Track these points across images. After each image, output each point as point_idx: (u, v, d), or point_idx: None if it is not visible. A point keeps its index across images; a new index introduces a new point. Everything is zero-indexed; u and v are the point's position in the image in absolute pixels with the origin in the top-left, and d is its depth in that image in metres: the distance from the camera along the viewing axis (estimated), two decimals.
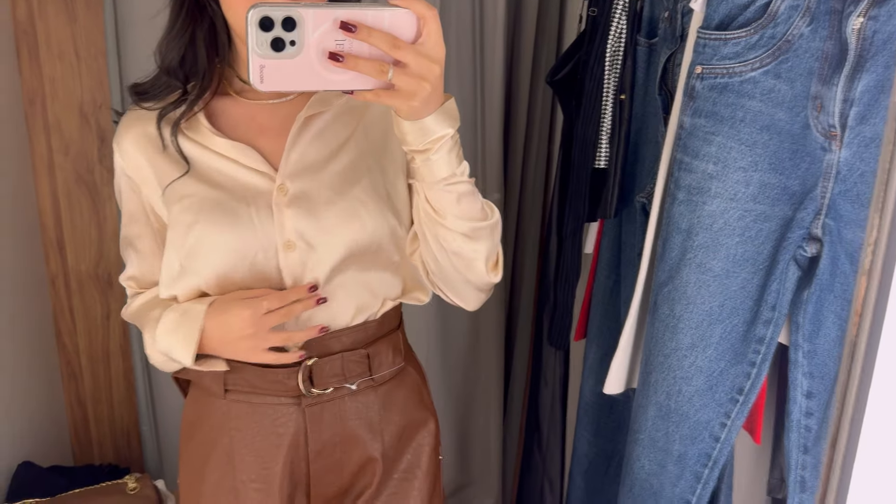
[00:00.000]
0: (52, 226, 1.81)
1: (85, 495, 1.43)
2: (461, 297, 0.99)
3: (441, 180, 0.85)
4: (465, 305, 1.00)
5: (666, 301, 1.01)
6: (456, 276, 0.95)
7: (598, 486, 1.47)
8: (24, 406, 1.65)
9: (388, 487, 1.03)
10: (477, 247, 0.91)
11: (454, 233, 0.89)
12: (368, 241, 0.95)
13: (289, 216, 0.93)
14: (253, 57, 0.71)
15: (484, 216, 0.90)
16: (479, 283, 0.96)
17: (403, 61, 0.73)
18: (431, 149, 0.82)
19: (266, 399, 0.98)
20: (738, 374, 0.98)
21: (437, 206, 0.88)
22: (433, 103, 0.78)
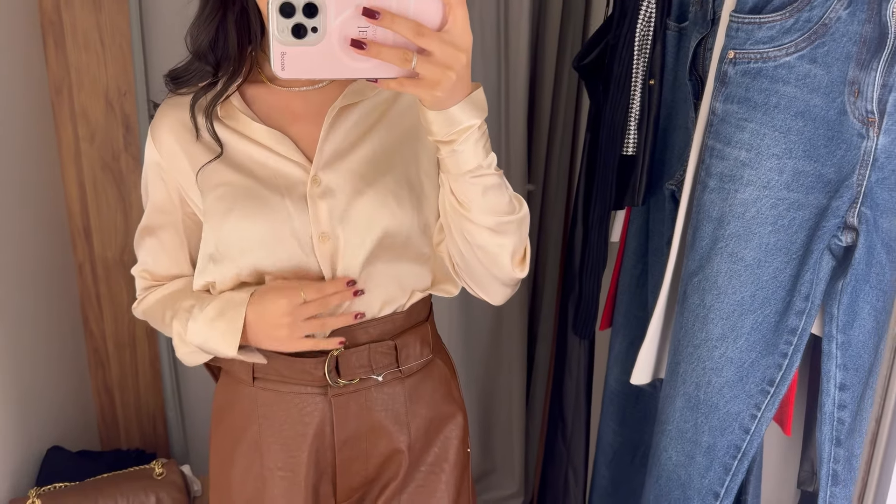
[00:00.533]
0: (78, 213, 1.83)
1: (113, 480, 1.45)
2: (486, 292, 0.98)
3: (467, 172, 0.83)
4: (490, 300, 0.99)
5: (696, 291, 1.00)
6: (480, 269, 0.93)
7: (623, 476, 1.46)
8: (53, 392, 1.68)
9: (415, 480, 1.03)
10: (503, 241, 0.89)
11: (479, 226, 0.88)
12: (398, 231, 0.94)
13: (322, 208, 0.92)
14: (274, 44, 0.70)
15: (511, 210, 0.88)
16: (504, 278, 0.94)
17: (428, 49, 0.71)
18: (457, 139, 0.80)
19: (293, 388, 0.98)
20: (770, 366, 0.96)
21: (462, 199, 0.86)
22: (459, 92, 0.76)
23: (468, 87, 0.77)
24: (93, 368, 1.91)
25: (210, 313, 0.95)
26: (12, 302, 1.47)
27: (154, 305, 1.04)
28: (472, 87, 0.78)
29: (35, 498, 1.37)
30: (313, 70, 0.72)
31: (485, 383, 2.17)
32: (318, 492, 1.01)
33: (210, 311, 0.95)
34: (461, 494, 1.07)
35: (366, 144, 0.95)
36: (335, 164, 0.94)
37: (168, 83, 0.96)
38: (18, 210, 1.53)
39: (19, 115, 1.57)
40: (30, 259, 1.58)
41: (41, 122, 1.69)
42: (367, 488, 1.03)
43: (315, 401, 0.98)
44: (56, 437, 1.66)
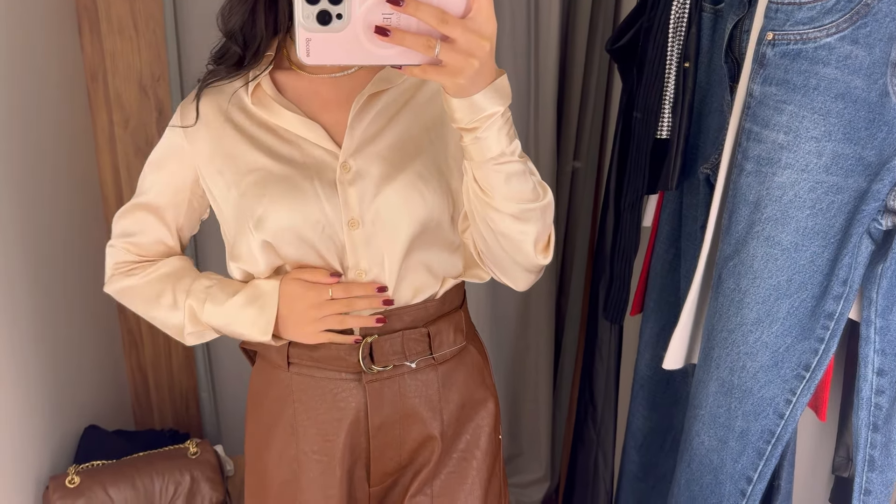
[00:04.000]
0: (112, 198, 1.86)
1: (148, 458, 1.48)
2: (510, 278, 0.98)
3: (490, 159, 0.82)
4: (514, 286, 0.99)
5: (731, 275, 0.99)
6: (504, 256, 0.93)
7: (653, 461, 1.46)
8: (89, 372, 1.71)
9: (448, 466, 1.03)
10: (525, 228, 0.89)
11: (502, 214, 0.87)
12: (428, 218, 0.95)
13: (352, 194, 0.93)
14: (299, 30, 0.70)
15: (535, 197, 0.88)
16: (528, 265, 0.94)
17: (451, 37, 0.71)
18: (480, 127, 0.79)
19: (327, 374, 1.00)
20: (805, 351, 0.95)
21: (486, 186, 0.86)
22: (482, 80, 0.76)
23: (492, 75, 0.77)
24: (127, 349, 1.94)
25: (239, 300, 0.97)
26: (49, 284, 1.50)
27: (151, 283, 1.03)
28: (496, 74, 0.78)
29: (74, 475, 1.40)
30: (338, 56, 0.73)
31: (512, 368, 2.17)
32: (353, 476, 1.02)
33: (240, 299, 0.97)
34: (492, 481, 1.07)
35: (393, 130, 0.96)
36: (364, 149, 0.94)
37: (210, 64, 0.97)
38: (55, 195, 1.56)
39: (56, 100, 1.59)
40: (66, 242, 1.61)
41: (77, 108, 1.72)
42: (399, 473, 1.04)
43: (349, 387, 0.99)
44: (92, 416, 1.70)
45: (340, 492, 1.01)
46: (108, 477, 1.42)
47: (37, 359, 1.43)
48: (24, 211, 1.41)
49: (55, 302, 1.53)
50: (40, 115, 1.50)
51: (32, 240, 1.43)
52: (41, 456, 1.43)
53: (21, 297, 1.37)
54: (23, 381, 1.36)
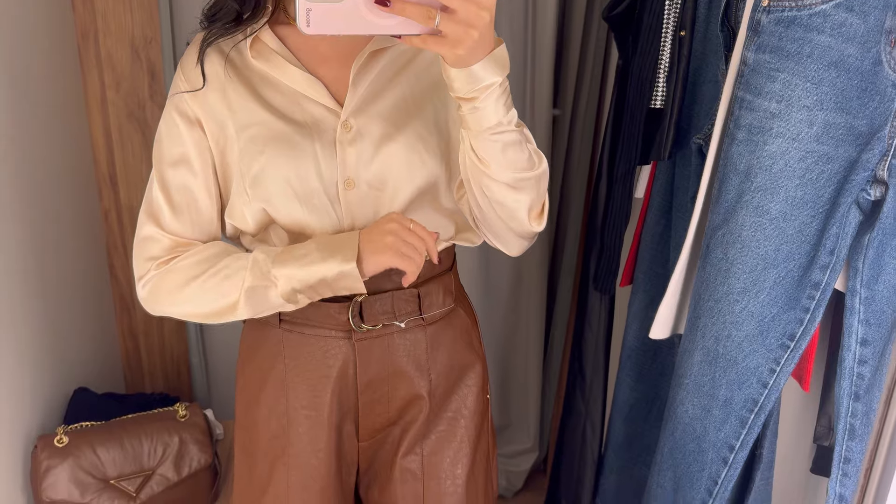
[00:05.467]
0: (104, 161, 1.84)
1: (138, 420, 1.49)
2: (503, 243, 0.99)
3: (487, 129, 0.84)
4: (507, 251, 1.01)
5: (719, 245, 0.99)
6: (498, 223, 0.94)
7: (638, 431, 1.47)
8: (80, 335, 1.71)
9: (438, 426, 1.05)
10: (520, 197, 0.90)
11: (498, 182, 0.89)
12: (425, 180, 0.95)
13: (350, 154, 0.93)
14: (299, 0, 0.70)
15: (530, 166, 0.89)
16: (521, 232, 0.96)
17: (451, 7, 0.72)
18: (478, 97, 0.81)
19: (318, 331, 1.00)
20: (791, 320, 0.96)
21: (482, 155, 0.87)
22: (481, 50, 0.77)
23: (490, 45, 0.78)
24: (118, 314, 1.94)
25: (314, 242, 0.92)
26: (40, 246, 1.50)
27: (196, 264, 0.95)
28: (494, 45, 0.79)
29: (63, 435, 1.41)
30: (338, 27, 0.73)
31: (503, 339, 2.18)
32: (342, 431, 1.04)
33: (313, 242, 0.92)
34: (481, 440, 1.09)
35: (394, 90, 0.96)
36: (366, 108, 0.94)
37: (203, 22, 0.96)
38: (46, 156, 1.55)
39: (46, 60, 1.57)
40: (56, 205, 1.61)
41: (68, 69, 1.70)
42: (388, 430, 1.06)
43: (339, 344, 1.00)
44: (82, 379, 1.70)
45: (328, 445, 1.03)
46: (97, 437, 1.43)
47: (26, 319, 1.43)
48: (15, 175, 1.40)
49: (46, 264, 1.53)
50: (29, 74, 1.49)
51: (23, 204, 1.43)
52: (30, 416, 1.43)
53: (12, 260, 1.37)
54: (12, 340, 1.36)
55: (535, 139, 0.92)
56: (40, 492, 1.37)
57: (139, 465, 1.44)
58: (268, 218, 0.96)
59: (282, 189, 0.93)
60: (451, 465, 1.05)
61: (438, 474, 1.05)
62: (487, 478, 1.12)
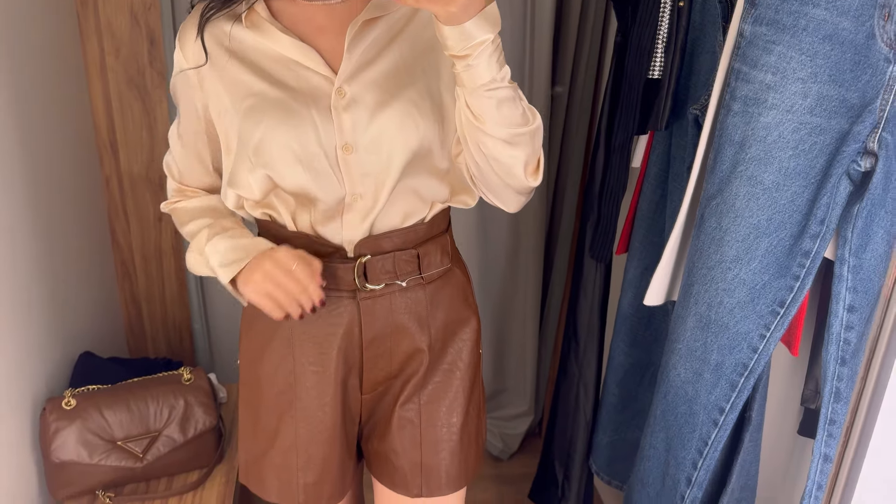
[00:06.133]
0: (104, 128, 1.85)
1: (143, 384, 1.52)
2: (501, 200, 1.03)
3: (481, 86, 0.87)
4: (505, 208, 1.05)
5: (713, 214, 1.02)
6: (495, 179, 0.98)
7: (632, 394, 1.51)
8: (83, 300, 1.74)
9: (434, 377, 1.10)
10: (516, 153, 0.94)
11: (494, 139, 0.92)
12: (420, 145, 0.97)
13: (346, 120, 0.95)
14: None
15: (524, 122, 0.92)
16: (518, 187, 0.99)
17: None
18: (472, 54, 0.84)
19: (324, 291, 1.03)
20: (781, 288, 0.98)
21: (478, 112, 0.90)
22: (473, 8, 0.80)
23: (482, 2, 0.81)
24: (120, 280, 1.97)
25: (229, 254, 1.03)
26: (42, 211, 1.51)
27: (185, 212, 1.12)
28: (485, 2, 0.81)
29: (70, 398, 1.44)
30: None
31: (500, 306, 2.22)
32: (347, 385, 1.09)
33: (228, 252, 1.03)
34: (474, 392, 1.15)
35: (388, 57, 0.98)
36: (359, 75, 0.96)
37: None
38: (46, 123, 1.56)
39: (45, 27, 1.58)
40: (58, 171, 1.62)
41: (67, 35, 1.70)
42: (390, 382, 1.11)
43: (344, 303, 1.04)
44: (86, 344, 1.73)
45: (335, 399, 1.07)
46: (104, 400, 1.46)
47: (30, 283, 1.45)
48: (17, 142, 1.41)
49: (49, 230, 1.54)
50: (29, 42, 1.49)
51: (25, 170, 1.44)
52: (36, 379, 1.46)
53: (15, 226, 1.39)
54: (18, 304, 1.39)
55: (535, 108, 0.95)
56: (50, 453, 1.40)
57: (145, 426, 1.47)
58: (271, 184, 0.99)
59: (284, 155, 0.96)
60: (447, 413, 1.11)
61: (435, 422, 1.10)
62: (479, 428, 1.18)
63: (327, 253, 1.03)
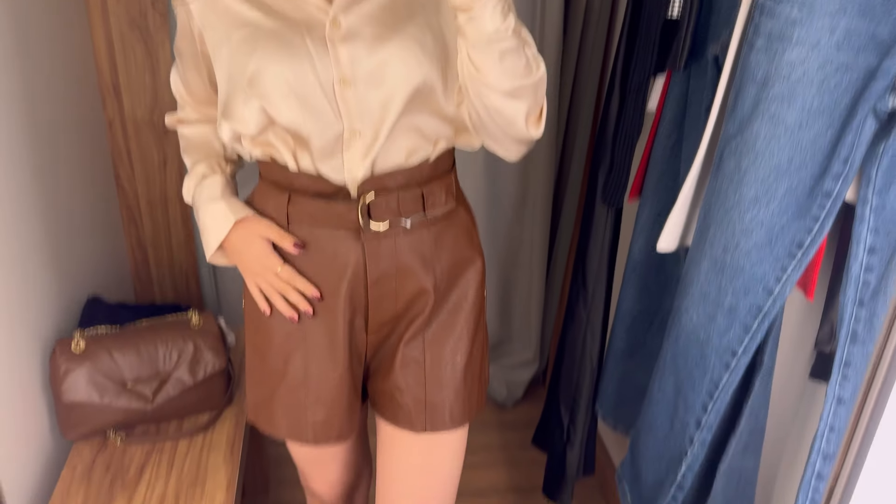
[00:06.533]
0: (107, 70, 1.82)
1: (152, 327, 1.52)
2: (502, 148, 1.03)
3: (485, 38, 0.84)
4: (506, 156, 1.04)
5: (733, 154, 1.00)
6: (496, 130, 0.97)
7: (640, 340, 1.51)
8: (89, 245, 1.73)
9: (439, 316, 1.10)
10: (517, 104, 0.92)
11: (495, 91, 0.90)
12: (422, 81, 0.95)
13: (343, 52, 0.93)
14: None
15: (528, 72, 0.90)
16: (519, 138, 0.98)
17: None
18: (474, 7, 0.82)
19: (327, 231, 1.03)
20: (800, 229, 0.97)
21: (479, 64, 0.88)
22: None
23: None
24: (126, 225, 1.96)
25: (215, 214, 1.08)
26: (46, 156, 1.50)
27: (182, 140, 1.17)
28: None
29: (80, 339, 1.44)
30: None
31: (506, 254, 2.21)
32: (353, 324, 1.09)
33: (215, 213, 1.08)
34: (478, 333, 1.15)
35: None
36: (354, 7, 0.94)
37: None
38: (47, 65, 1.53)
39: None
40: (61, 114, 1.59)
41: None
42: (395, 323, 1.11)
43: (348, 243, 1.03)
44: (94, 289, 1.73)
45: (343, 339, 1.08)
46: (113, 342, 1.46)
47: (35, 227, 1.44)
48: (19, 83, 1.38)
49: (53, 173, 1.53)
50: None
51: (28, 112, 1.42)
52: (46, 322, 1.46)
53: (19, 168, 1.37)
54: (24, 247, 1.38)
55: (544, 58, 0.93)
56: (60, 394, 1.41)
57: (155, 369, 1.48)
58: (267, 118, 0.98)
59: (279, 86, 0.94)
60: (451, 353, 1.11)
61: (439, 361, 1.10)
62: (482, 367, 1.18)
63: (330, 193, 1.02)
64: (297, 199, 1.03)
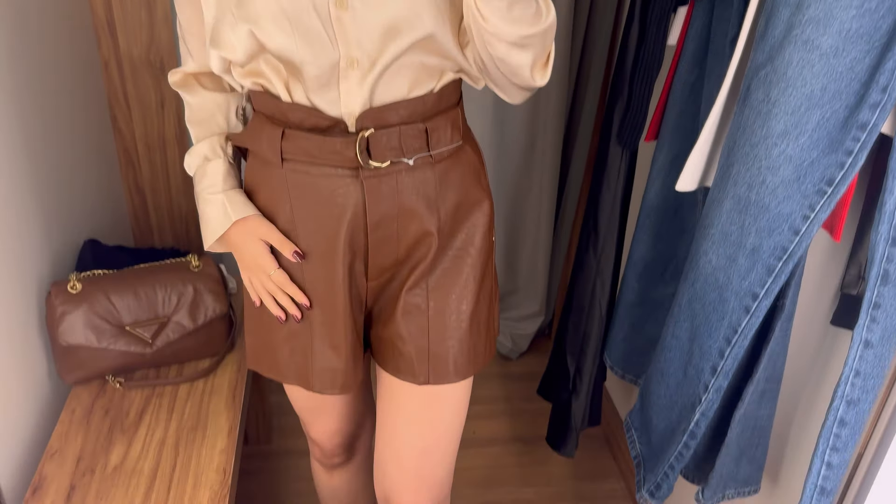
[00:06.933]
0: (101, 6, 1.75)
1: (151, 270, 1.48)
2: (505, 94, 0.98)
3: None
4: (508, 100, 1.00)
5: (761, 85, 0.94)
6: (500, 77, 0.92)
7: (651, 288, 1.47)
8: (86, 187, 1.68)
9: (443, 262, 1.04)
10: (524, 54, 0.87)
11: (502, 41, 0.85)
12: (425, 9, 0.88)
13: None
14: None
15: (537, 20, 0.84)
16: (524, 86, 0.94)
17: None
18: None
19: (324, 170, 0.97)
20: (831, 164, 0.92)
21: (486, 13, 0.82)
22: None
23: None
24: (123, 168, 1.90)
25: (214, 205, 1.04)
26: (39, 95, 1.44)
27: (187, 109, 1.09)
28: None
29: (76, 281, 1.40)
30: None
31: (514, 203, 2.16)
32: (353, 270, 1.03)
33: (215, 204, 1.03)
34: (485, 279, 1.09)
35: None
36: None
37: None
38: (38, 3, 1.46)
39: None
40: (53, 52, 1.53)
41: None
42: (397, 268, 1.05)
43: (346, 183, 0.97)
44: (91, 232, 1.68)
45: (344, 284, 1.03)
46: (110, 285, 1.42)
47: (29, 167, 1.39)
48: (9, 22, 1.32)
49: (47, 113, 1.47)
50: None
51: (19, 53, 1.35)
52: (42, 264, 1.42)
53: (12, 107, 1.32)
54: (19, 188, 1.33)
55: None
56: (57, 336, 1.38)
57: (154, 312, 1.44)
58: (256, 44, 0.91)
59: (269, 6, 0.87)
60: (456, 300, 1.05)
61: (444, 309, 1.05)
62: (490, 316, 1.12)
63: (326, 127, 0.95)
64: (291, 134, 0.96)
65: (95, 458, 1.29)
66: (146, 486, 1.25)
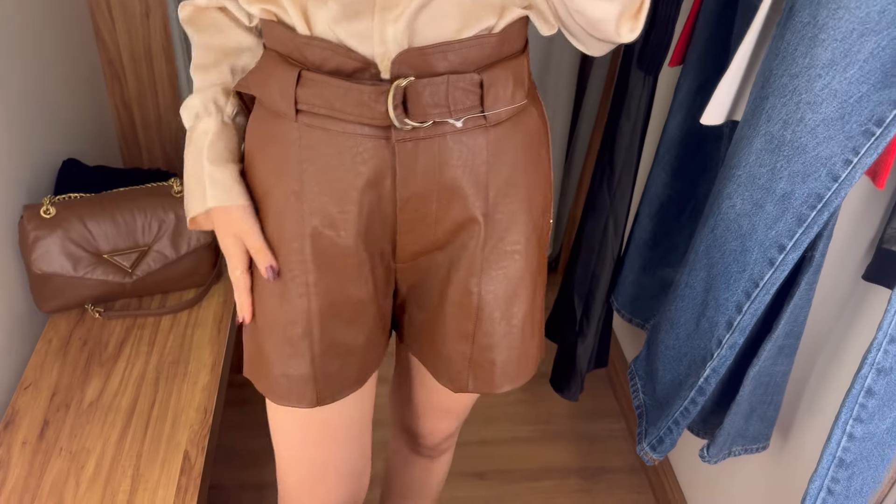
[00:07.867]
0: None
1: (130, 194, 1.39)
2: (584, 45, 0.79)
3: None
4: (587, 52, 0.80)
5: (808, 4, 0.81)
6: (576, 29, 0.74)
7: (666, 229, 1.36)
8: (69, 102, 1.57)
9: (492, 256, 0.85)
10: (609, 4, 0.68)
11: None
12: None
13: None
14: None
15: None
16: (606, 39, 0.75)
17: None
18: None
19: (347, 127, 0.75)
20: (883, 102, 0.80)
21: None
22: None
23: None
24: (108, 81, 1.79)
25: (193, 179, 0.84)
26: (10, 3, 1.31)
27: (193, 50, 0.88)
28: None
29: (49, 206, 1.31)
30: None
31: None
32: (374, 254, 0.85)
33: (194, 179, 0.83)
34: (539, 275, 0.90)
35: None
36: None
37: None
38: None
39: None
40: None
41: None
42: (432, 255, 0.86)
43: (374, 145, 0.76)
44: (74, 151, 1.59)
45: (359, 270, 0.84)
46: (86, 210, 1.33)
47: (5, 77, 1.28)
48: None
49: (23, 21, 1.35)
50: None
51: None
52: (16, 186, 1.33)
53: None
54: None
55: None
56: (31, 263, 1.30)
57: (133, 240, 1.36)
58: None
59: None
60: (506, 303, 0.86)
61: (493, 313, 0.86)
62: (541, 318, 0.94)
63: (353, 70, 0.73)
64: (309, 78, 0.74)
65: (71, 392, 1.23)
66: (122, 423, 1.19)
